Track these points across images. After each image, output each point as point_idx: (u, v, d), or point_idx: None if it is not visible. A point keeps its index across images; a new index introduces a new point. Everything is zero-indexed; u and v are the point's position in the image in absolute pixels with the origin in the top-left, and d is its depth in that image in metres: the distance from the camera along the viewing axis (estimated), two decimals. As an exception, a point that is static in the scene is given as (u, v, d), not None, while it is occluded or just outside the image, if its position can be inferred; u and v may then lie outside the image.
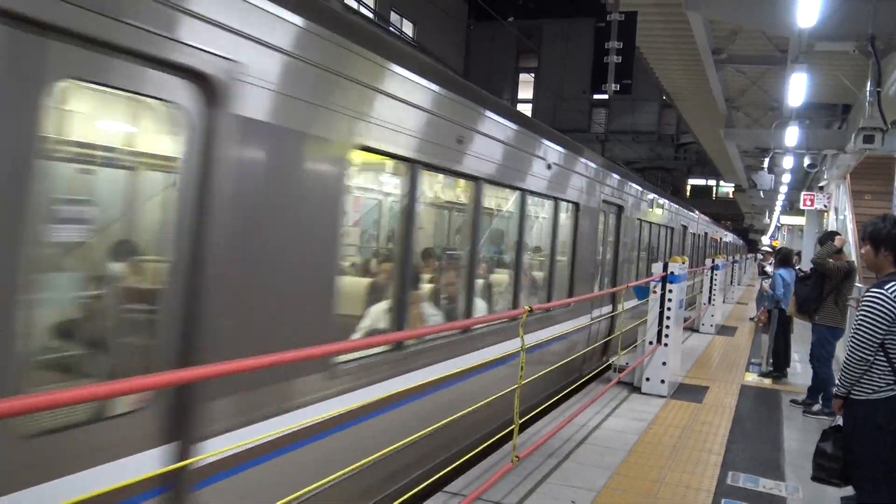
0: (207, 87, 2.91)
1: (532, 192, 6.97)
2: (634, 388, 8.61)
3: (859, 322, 3.97)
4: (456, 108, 5.17)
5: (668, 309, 8.53)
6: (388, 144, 4.29)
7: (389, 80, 4.29)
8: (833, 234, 8.29)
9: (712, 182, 47.36)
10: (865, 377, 3.94)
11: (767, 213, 40.74)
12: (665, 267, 8.54)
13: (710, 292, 15.26)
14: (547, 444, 6.15)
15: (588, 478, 5.36)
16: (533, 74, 35.64)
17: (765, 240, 49.28)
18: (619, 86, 9.63)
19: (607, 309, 10.14)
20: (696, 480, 5.47)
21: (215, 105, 2.94)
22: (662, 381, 8.43)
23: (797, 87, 10.42)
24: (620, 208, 10.95)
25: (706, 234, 25.64)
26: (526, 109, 35.25)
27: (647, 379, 8.50)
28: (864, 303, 3.99)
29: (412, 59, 4.69)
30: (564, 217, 8.22)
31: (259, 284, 3.28)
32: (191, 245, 2.93)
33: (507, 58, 35.65)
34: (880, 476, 3.92)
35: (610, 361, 8.22)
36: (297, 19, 3.42)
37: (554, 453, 5.92)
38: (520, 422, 4.87)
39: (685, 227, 18.80)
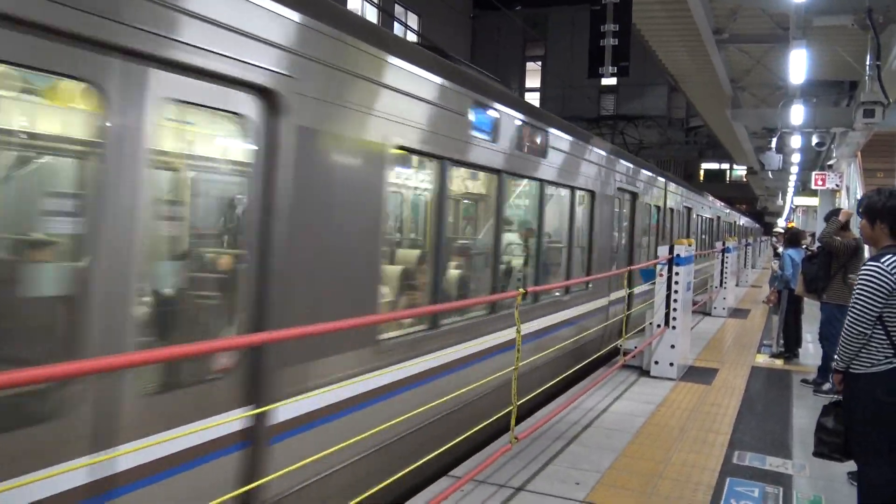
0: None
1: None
2: (644, 372, 8.62)
3: (856, 296, 3.96)
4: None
5: (675, 292, 8.52)
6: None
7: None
8: (837, 210, 8.23)
9: (725, 165, 47.01)
10: (864, 351, 3.94)
11: (781, 195, 40.42)
12: (671, 249, 8.52)
13: (722, 275, 15.19)
14: (553, 428, 6.20)
15: (594, 460, 5.39)
16: (540, 63, 35.53)
17: (780, 222, 48.91)
18: (616, 69, 9.57)
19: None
20: (701, 460, 5.48)
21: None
22: (671, 364, 8.43)
23: (798, 64, 10.31)
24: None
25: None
26: (534, 98, 35.14)
27: (656, 362, 8.50)
28: (861, 277, 3.99)
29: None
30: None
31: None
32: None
33: (514, 47, 35.55)
34: (882, 449, 3.92)
35: (617, 344, 8.20)
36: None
37: (560, 437, 5.95)
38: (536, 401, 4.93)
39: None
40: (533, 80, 36.07)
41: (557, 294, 7.79)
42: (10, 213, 3.02)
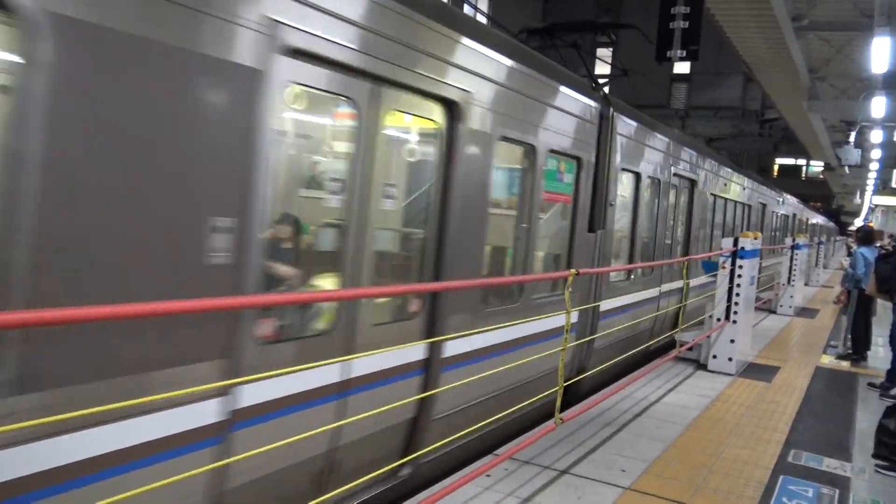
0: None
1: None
2: (701, 366, 8.44)
3: None
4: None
5: (738, 286, 8.29)
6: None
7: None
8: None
9: (802, 161, 45.20)
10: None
11: (859, 194, 38.73)
12: (735, 242, 8.28)
13: (790, 273, 14.69)
14: (604, 415, 6.14)
15: (642, 449, 5.32)
16: (611, 49, 34.79)
17: (858, 222, 46.87)
18: (685, 52, 9.26)
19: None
20: (755, 457, 5.35)
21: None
22: (730, 359, 8.23)
23: (881, 54, 9.78)
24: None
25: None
26: (602, 84, 34.50)
27: (714, 356, 8.31)
28: None
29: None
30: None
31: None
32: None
33: (584, 34, 34.87)
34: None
35: (672, 333, 8.04)
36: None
37: (609, 424, 5.90)
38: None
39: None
40: (603, 66, 35.38)
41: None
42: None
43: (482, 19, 25.68)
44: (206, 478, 2.94)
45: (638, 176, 8.23)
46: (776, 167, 46.23)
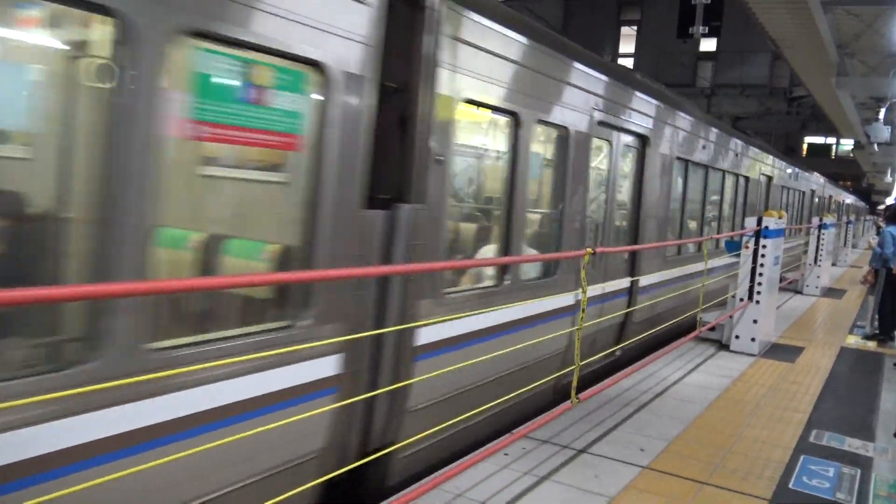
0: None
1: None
2: (723, 346, 8.38)
3: None
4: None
5: (762, 265, 8.20)
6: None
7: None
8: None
9: (831, 140, 44.31)
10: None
11: (889, 172, 37.95)
12: (759, 221, 8.18)
13: (817, 253, 14.48)
14: (623, 395, 6.14)
15: (662, 428, 5.32)
16: (635, 28, 34.31)
17: (889, 200, 45.95)
18: (707, 28, 9.08)
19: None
20: (775, 436, 5.32)
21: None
22: (752, 340, 8.16)
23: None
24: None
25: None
26: (627, 64, 34.09)
27: (737, 336, 8.24)
28: None
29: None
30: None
31: None
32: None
33: (608, 11, 34.46)
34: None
35: (695, 313, 7.97)
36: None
37: (629, 404, 5.89)
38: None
39: (769, 178, 18.39)
40: (627, 45, 34.94)
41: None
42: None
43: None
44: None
45: (516, 119, 5.20)
46: (805, 146, 45.37)
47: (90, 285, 2.54)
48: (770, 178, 14.61)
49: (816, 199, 22.70)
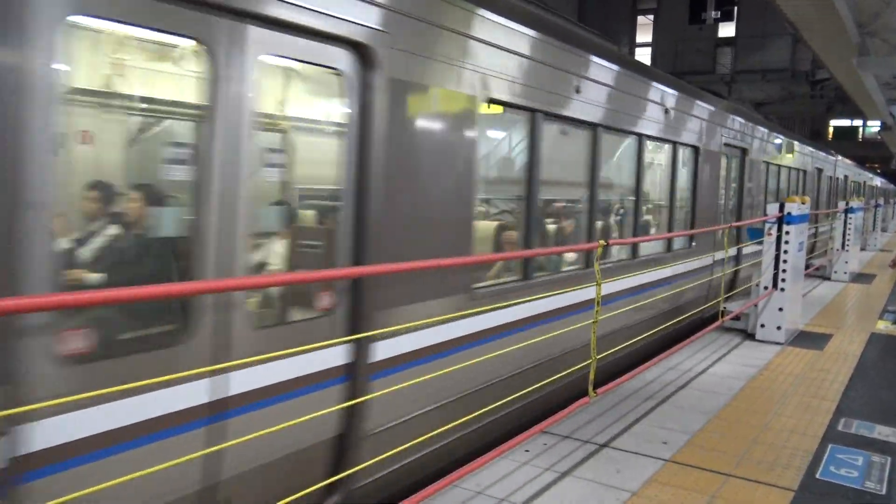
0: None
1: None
2: (749, 336, 8.26)
3: None
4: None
5: (785, 252, 8.07)
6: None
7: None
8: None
9: (858, 122, 43.46)
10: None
11: (919, 153, 37.15)
12: (781, 207, 8.05)
13: (844, 237, 14.22)
14: (646, 387, 6.08)
15: (685, 421, 5.25)
16: (652, 16, 33.93)
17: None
18: (720, 13, 8.91)
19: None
20: (802, 426, 5.22)
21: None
22: (778, 328, 8.03)
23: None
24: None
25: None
26: (644, 53, 33.72)
27: (762, 325, 8.12)
28: None
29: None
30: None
31: None
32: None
33: (624, 1, 34.14)
34: None
35: (716, 302, 7.86)
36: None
37: (651, 397, 5.83)
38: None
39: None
40: (644, 34, 34.58)
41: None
42: None
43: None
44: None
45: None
46: (831, 130, 44.56)
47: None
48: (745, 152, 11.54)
49: (827, 181, 19.72)
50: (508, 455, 4.43)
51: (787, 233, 8.00)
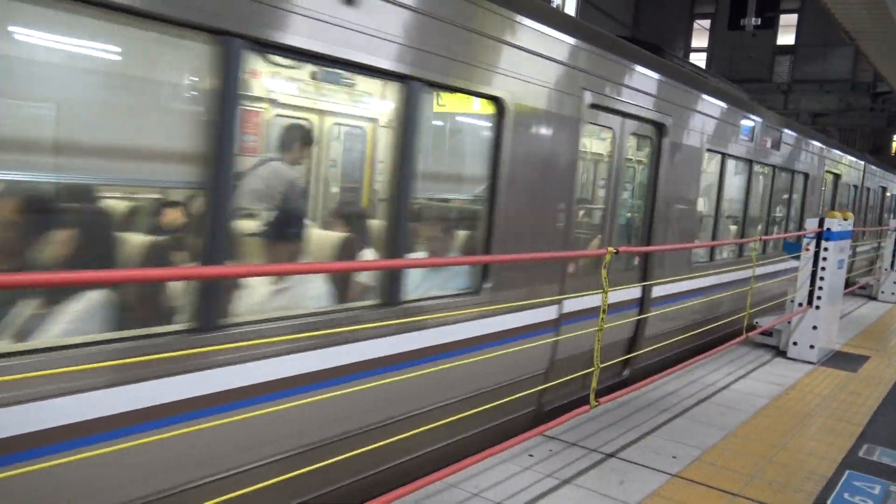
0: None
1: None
2: (780, 353, 8.05)
3: None
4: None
5: (822, 269, 7.82)
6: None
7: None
8: None
9: (922, 137, 41.85)
10: None
11: None
12: (821, 222, 7.81)
13: (894, 257, 13.72)
14: (664, 399, 5.97)
15: (700, 436, 5.13)
16: (709, 21, 33.23)
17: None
18: (760, 20, 8.66)
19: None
20: (822, 448, 5.06)
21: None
22: (811, 347, 7.80)
23: None
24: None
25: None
26: (699, 59, 33.07)
27: (795, 343, 7.89)
28: None
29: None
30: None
31: None
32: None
33: (681, 4, 33.50)
34: None
35: (746, 313, 7.64)
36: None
37: (670, 408, 5.72)
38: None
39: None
40: (700, 39, 33.90)
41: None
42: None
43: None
44: None
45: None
46: (894, 144, 42.98)
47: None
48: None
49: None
50: (512, 459, 4.40)
51: (826, 249, 7.76)
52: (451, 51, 4.05)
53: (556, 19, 5.29)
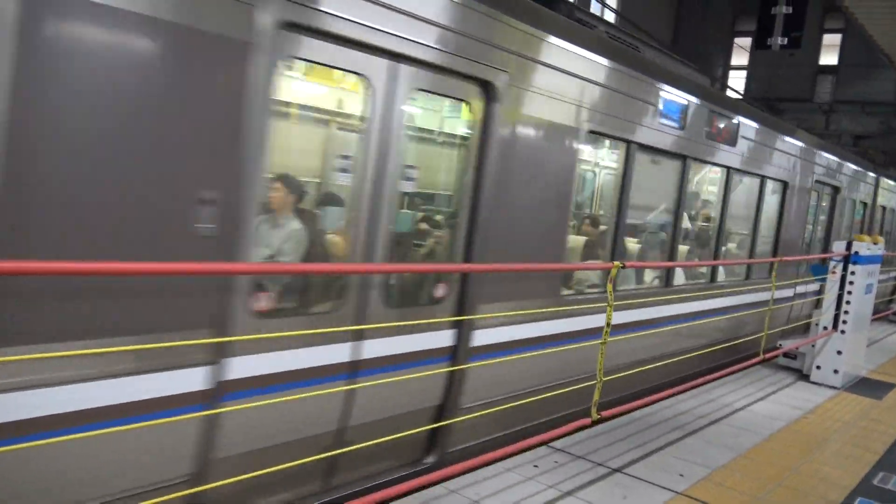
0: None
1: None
2: (803, 376, 7.91)
3: None
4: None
5: (849, 293, 7.69)
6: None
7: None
8: None
9: (969, 163, 40.82)
10: None
11: None
12: (848, 245, 7.68)
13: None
14: (676, 418, 5.92)
15: (709, 456, 5.08)
16: (751, 39, 32.85)
17: None
18: (787, 39, 8.56)
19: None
20: (835, 475, 4.98)
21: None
22: (835, 372, 7.66)
23: None
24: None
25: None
26: (739, 77, 32.69)
27: (818, 367, 7.76)
28: None
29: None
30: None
31: None
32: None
33: (722, 21, 33.18)
34: None
35: (764, 333, 7.52)
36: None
37: (682, 426, 5.67)
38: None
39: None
40: (740, 57, 33.54)
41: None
42: None
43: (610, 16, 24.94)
44: None
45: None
46: (938, 169, 41.97)
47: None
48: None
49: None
50: (516, 468, 4.41)
51: (853, 273, 7.62)
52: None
53: None
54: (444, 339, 4.38)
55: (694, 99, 6.84)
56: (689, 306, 7.20)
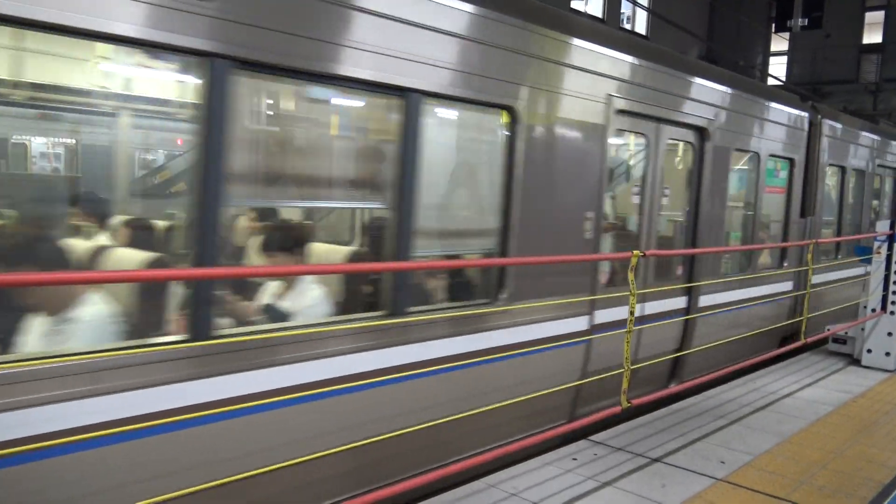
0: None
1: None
2: (854, 361, 7.76)
3: None
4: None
5: (896, 272, 7.53)
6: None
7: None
8: None
9: None
10: None
11: None
12: (892, 224, 7.52)
13: None
14: (722, 406, 5.91)
15: (752, 442, 5.06)
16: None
17: None
18: (807, 20, 8.41)
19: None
20: (883, 456, 4.90)
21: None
22: (887, 354, 7.49)
23: None
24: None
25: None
26: (780, 62, 32.00)
27: (869, 350, 7.60)
28: None
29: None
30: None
31: None
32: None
33: (759, 10, 32.56)
34: None
35: (803, 317, 7.39)
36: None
37: (724, 416, 5.64)
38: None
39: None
40: (780, 43, 32.82)
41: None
42: None
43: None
44: None
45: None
46: None
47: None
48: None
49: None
50: (554, 462, 4.48)
51: (899, 252, 7.47)
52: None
53: None
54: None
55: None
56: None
